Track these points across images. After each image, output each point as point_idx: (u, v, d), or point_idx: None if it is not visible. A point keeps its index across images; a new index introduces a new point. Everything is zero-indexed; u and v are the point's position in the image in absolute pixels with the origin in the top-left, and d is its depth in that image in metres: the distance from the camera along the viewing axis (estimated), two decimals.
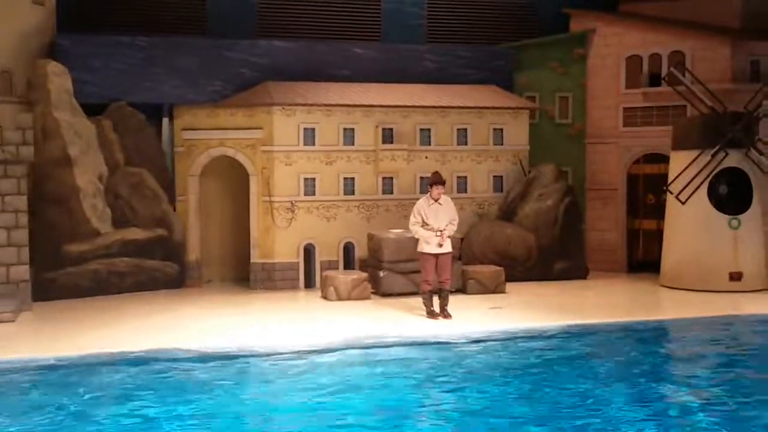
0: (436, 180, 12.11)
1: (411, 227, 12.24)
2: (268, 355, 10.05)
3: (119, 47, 15.01)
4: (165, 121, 15.13)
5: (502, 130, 15.97)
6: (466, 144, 15.79)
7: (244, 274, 15.01)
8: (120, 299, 13.38)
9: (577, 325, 11.50)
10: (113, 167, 14.47)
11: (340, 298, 13.45)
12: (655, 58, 16.09)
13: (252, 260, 14.69)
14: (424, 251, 12.06)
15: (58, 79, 13.88)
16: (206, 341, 10.46)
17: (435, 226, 11.98)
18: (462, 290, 13.94)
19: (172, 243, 14.51)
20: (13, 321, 11.57)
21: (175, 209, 14.75)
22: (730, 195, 14.23)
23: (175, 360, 9.68)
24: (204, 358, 9.79)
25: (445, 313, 11.99)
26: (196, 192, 14.90)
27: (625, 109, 16.41)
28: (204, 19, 16.73)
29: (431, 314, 12.01)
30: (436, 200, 12.07)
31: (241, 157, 14.76)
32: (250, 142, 14.73)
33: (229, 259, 15.50)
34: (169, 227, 14.51)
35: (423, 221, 12.04)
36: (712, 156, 14.07)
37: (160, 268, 14.34)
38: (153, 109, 15.10)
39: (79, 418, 7.78)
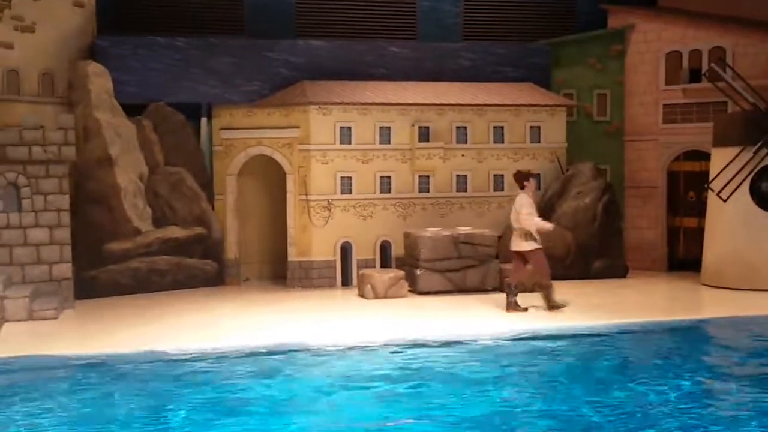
0: (529, 173, 12.43)
1: (532, 219, 12.03)
2: (304, 351, 10.10)
3: (158, 48, 15.17)
4: (203, 120, 15.27)
5: (539, 127, 15.87)
6: (502, 142, 15.71)
7: (281, 272, 15.10)
8: (160, 297, 13.54)
9: (618, 324, 11.40)
10: (153, 167, 14.65)
11: (377, 296, 13.46)
12: (695, 54, 15.88)
13: (289, 258, 14.77)
14: (539, 246, 12.11)
15: (99, 79, 14.11)
16: (244, 338, 10.54)
17: None
18: (500, 289, 13.86)
19: (211, 241, 14.65)
20: (56, 318, 11.76)
21: (213, 208, 14.89)
22: None
23: (218, 358, 9.77)
24: (242, 355, 9.86)
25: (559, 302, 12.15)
26: (234, 191, 15.02)
27: (664, 105, 16.22)
28: (242, 20, 16.84)
29: (558, 304, 12.10)
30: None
31: (278, 156, 14.85)
32: (287, 141, 14.80)
33: (267, 257, 15.60)
34: (208, 226, 14.65)
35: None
36: (755, 153, 13.84)
37: (199, 266, 14.48)
38: (192, 108, 15.25)
39: (121, 414, 7.88)
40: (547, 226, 12.27)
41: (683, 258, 16.19)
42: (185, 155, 14.96)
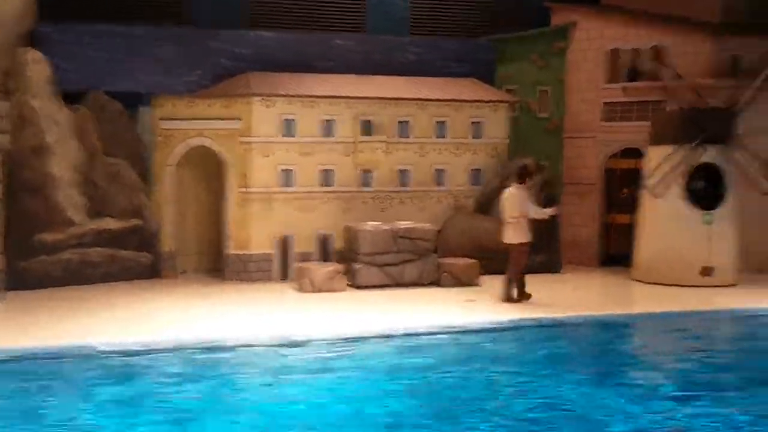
0: (532, 171, 13.25)
1: (538, 210, 12.74)
2: (237, 347, 10.08)
3: (99, 35, 15.10)
4: (143, 110, 15.12)
5: (480, 123, 15.98)
6: (444, 137, 15.79)
7: (219, 265, 15.03)
8: (94, 289, 13.33)
9: (549, 319, 11.60)
10: (90, 156, 14.47)
11: (315, 290, 13.48)
12: (636, 52, 16.08)
13: (227, 251, 14.71)
14: (529, 240, 12.59)
15: (37, 66, 13.90)
16: (175, 333, 10.49)
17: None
18: (436, 284, 13.99)
19: (147, 233, 14.50)
20: None
21: (150, 199, 14.76)
22: (705, 191, 14.24)
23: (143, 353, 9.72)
24: (171, 350, 9.82)
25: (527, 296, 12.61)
26: (172, 182, 14.87)
27: (605, 103, 16.37)
28: (187, 9, 16.69)
29: (512, 298, 12.58)
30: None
31: (218, 148, 14.76)
32: (228, 133, 14.71)
33: (205, 249, 15.48)
34: (145, 217, 14.51)
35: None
36: (690, 151, 14.07)
37: (133, 258, 14.30)
38: (133, 97, 15.11)
39: (48, 409, 7.82)
40: (550, 211, 13.03)
41: (614, 253, 16.38)
42: (123, 145, 14.81)
